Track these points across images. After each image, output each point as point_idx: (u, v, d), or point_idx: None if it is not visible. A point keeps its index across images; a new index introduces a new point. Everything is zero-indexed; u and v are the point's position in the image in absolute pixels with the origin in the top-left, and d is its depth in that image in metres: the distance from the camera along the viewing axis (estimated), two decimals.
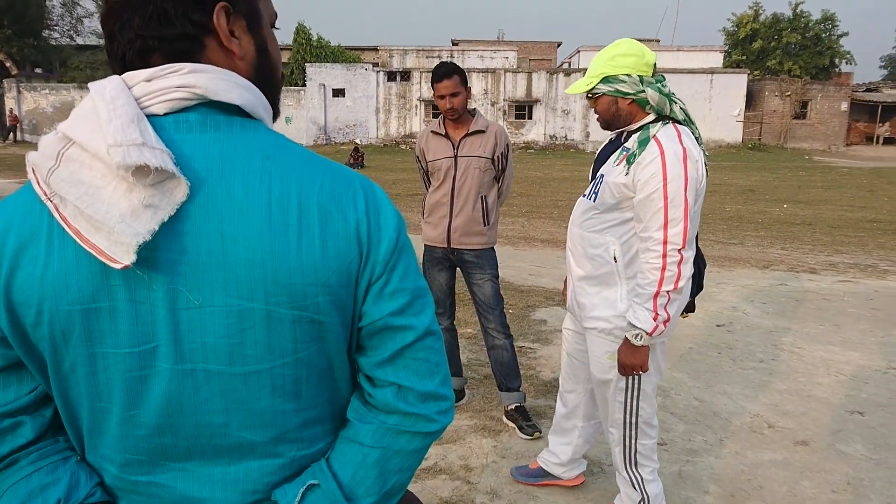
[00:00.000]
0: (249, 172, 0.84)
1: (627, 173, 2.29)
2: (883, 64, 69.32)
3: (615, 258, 2.41)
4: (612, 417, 2.60)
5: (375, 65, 35.21)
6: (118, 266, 0.77)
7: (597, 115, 2.50)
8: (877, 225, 11.13)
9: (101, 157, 0.78)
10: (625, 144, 2.39)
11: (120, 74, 0.86)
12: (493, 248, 3.69)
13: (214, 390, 0.85)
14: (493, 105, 34.22)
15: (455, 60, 34.33)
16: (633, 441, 2.58)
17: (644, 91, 2.31)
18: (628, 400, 2.53)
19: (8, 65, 33.91)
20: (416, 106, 34.19)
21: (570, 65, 39.52)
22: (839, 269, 7.84)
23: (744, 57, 42.62)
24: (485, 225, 3.61)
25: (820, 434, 3.60)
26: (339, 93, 34.24)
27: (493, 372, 3.76)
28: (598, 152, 2.63)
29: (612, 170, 2.39)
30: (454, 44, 40.64)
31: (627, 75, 2.32)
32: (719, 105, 33.54)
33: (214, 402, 0.86)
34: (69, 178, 0.79)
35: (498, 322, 3.66)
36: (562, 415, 2.98)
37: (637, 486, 2.63)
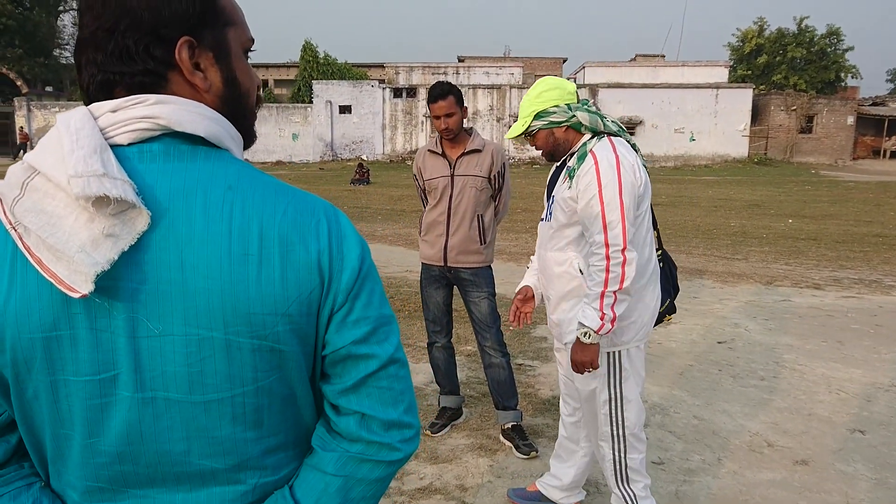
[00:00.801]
0: (211, 202, 0.84)
1: (570, 187, 2.45)
2: (889, 78, 68.99)
3: (580, 271, 2.51)
4: (601, 431, 2.61)
5: (381, 81, 35.42)
6: (76, 295, 0.78)
7: (540, 151, 2.63)
8: (882, 240, 11.07)
9: (64, 188, 0.79)
10: (568, 164, 2.53)
11: (87, 105, 0.88)
12: (489, 266, 3.69)
13: (175, 418, 0.86)
14: (498, 121, 34.36)
15: (461, 77, 34.56)
16: (622, 455, 2.59)
17: (574, 115, 2.48)
18: (613, 410, 2.55)
19: (19, 83, 34.35)
20: (422, 122, 34.35)
21: (575, 80, 39.69)
22: (843, 284, 7.79)
23: (749, 72, 42.73)
24: (481, 244, 3.62)
25: (820, 453, 3.57)
26: (345, 109, 34.44)
27: (490, 390, 3.75)
28: (549, 177, 2.76)
29: (560, 188, 2.54)
30: (460, 60, 40.86)
31: (556, 106, 2.49)
32: (725, 120, 33.55)
33: (175, 431, 0.86)
34: (33, 207, 0.80)
35: (494, 340, 3.66)
36: (564, 437, 2.97)
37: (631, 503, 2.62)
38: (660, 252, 2.68)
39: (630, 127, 33.13)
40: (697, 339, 5.61)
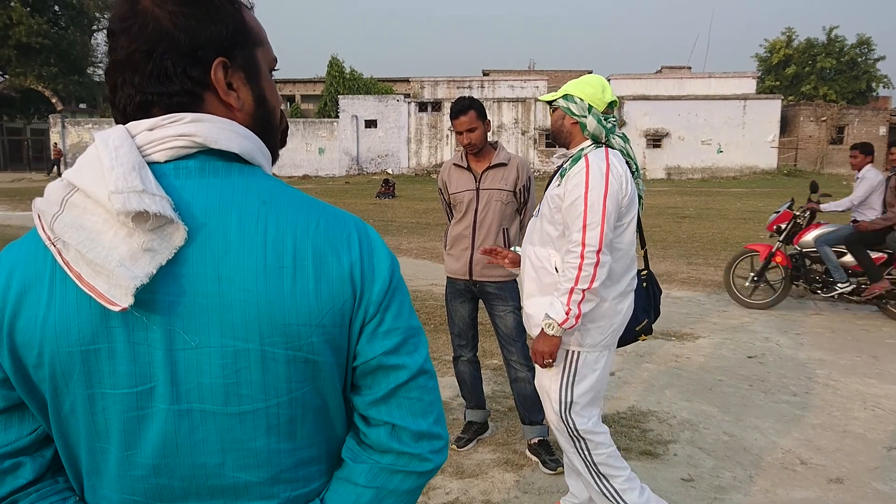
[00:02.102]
0: (246, 216, 0.86)
1: (559, 185, 2.56)
2: None
3: (556, 268, 2.58)
4: (559, 427, 2.66)
5: (407, 96, 35.65)
6: (116, 308, 0.79)
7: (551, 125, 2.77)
8: None
9: (103, 204, 0.81)
10: (563, 165, 2.64)
11: (122, 124, 0.90)
12: (515, 280, 3.68)
13: (210, 430, 0.86)
14: (523, 134, 34.35)
15: (485, 90, 34.64)
16: (587, 454, 2.62)
17: (586, 117, 2.57)
18: (562, 412, 2.61)
19: (54, 101, 35.21)
20: (447, 136, 34.47)
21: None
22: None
23: (777, 83, 42.25)
24: None
25: (855, 471, 3.48)
26: (371, 124, 34.72)
27: (516, 405, 3.73)
28: (549, 178, 2.85)
29: (551, 186, 2.66)
30: (485, 74, 41.00)
31: (581, 100, 2.58)
32: (753, 131, 33.15)
33: (210, 443, 0.87)
34: (72, 223, 0.82)
35: (520, 354, 3.63)
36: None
37: (614, 500, 2.61)
38: (645, 272, 2.77)
39: (656, 139, 32.95)
40: (727, 354, 5.53)
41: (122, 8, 0.89)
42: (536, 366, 2.68)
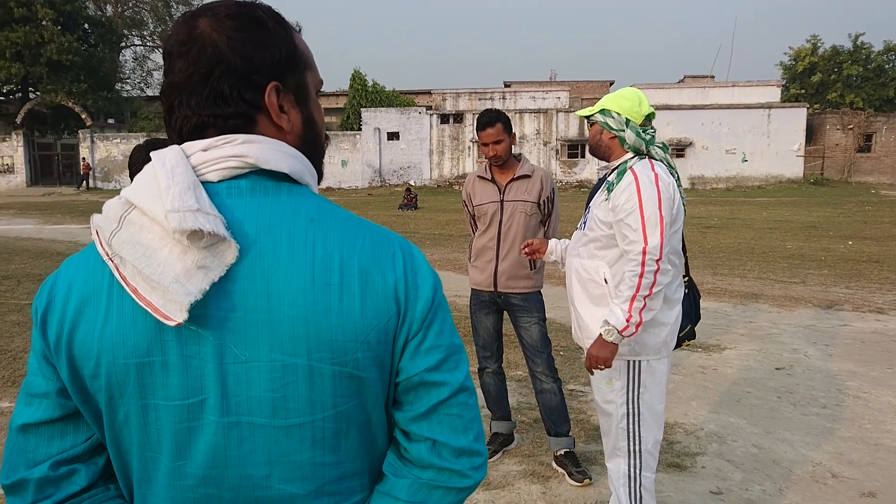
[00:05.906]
0: (295, 235, 0.89)
1: (607, 199, 2.58)
2: None
3: (605, 280, 2.60)
4: (617, 446, 2.63)
5: (429, 108, 35.82)
6: (171, 323, 0.83)
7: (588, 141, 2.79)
8: None
9: (160, 222, 0.85)
10: (608, 179, 2.66)
11: (177, 143, 0.94)
12: (539, 291, 3.69)
13: (258, 442, 0.89)
14: (545, 145, 34.32)
15: (507, 101, 34.69)
16: (637, 472, 2.59)
17: (624, 131, 2.60)
18: (630, 425, 2.59)
19: (83, 116, 35.92)
20: (469, 147, 34.57)
21: None
22: None
23: (802, 91, 41.74)
24: (531, 269, 3.63)
25: (889, 485, 3.43)
26: (393, 136, 34.94)
27: (542, 416, 3.73)
28: (591, 190, 2.89)
29: (597, 199, 2.69)
30: (506, 85, 41.09)
31: (618, 114, 2.61)
32: (778, 140, 32.79)
33: (258, 455, 0.89)
34: (129, 239, 0.86)
35: (546, 365, 3.64)
36: None
37: None
38: (686, 278, 2.78)
39: (679, 148, 32.72)
40: (754, 365, 5.47)
41: (181, 32, 0.93)
42: (597, 381, 2.66)
